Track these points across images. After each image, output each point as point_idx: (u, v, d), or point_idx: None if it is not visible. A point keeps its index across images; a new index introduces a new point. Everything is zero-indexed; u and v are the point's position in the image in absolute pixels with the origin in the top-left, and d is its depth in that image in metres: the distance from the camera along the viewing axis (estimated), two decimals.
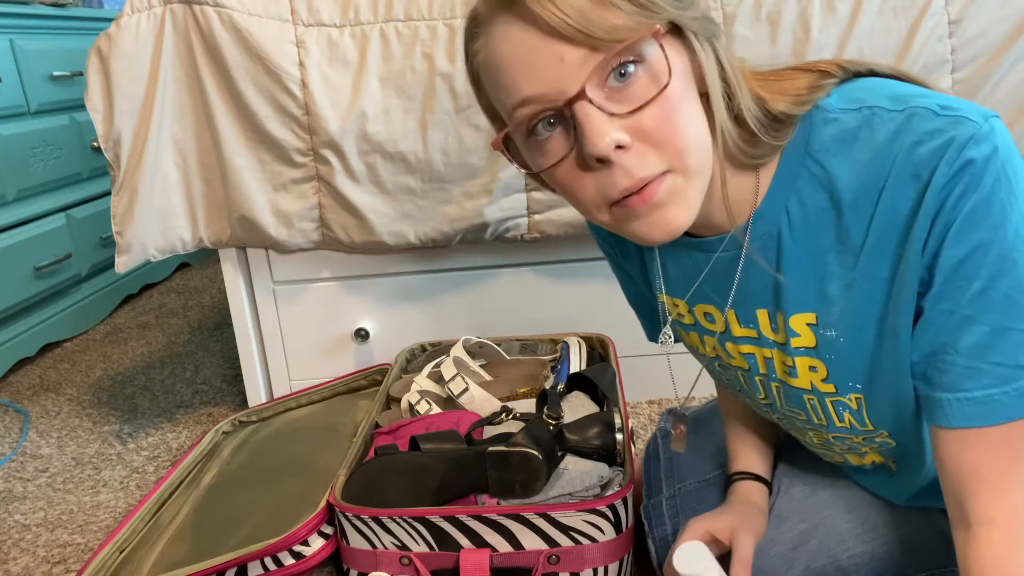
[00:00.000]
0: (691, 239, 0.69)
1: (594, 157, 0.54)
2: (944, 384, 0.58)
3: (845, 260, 0.61)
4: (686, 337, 0.80)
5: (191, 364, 1.94)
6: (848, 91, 0.61)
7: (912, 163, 0.55)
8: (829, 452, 0.77)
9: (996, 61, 1.24)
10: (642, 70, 0.54)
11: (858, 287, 0.61)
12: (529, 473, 0.95)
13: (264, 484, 1.21)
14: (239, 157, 1.34)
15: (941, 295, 0.56)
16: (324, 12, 1.31)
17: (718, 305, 0.71)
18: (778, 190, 0.63)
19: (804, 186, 0.61)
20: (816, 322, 0.65)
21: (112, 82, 1.29)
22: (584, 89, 0.53)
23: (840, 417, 0.69)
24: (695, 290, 0.72)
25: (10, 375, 1.95)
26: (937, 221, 0.55)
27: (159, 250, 1.38)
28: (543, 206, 1.35)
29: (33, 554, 1.22)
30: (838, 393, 0.67)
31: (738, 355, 0.73)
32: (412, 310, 1.51)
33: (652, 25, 0.53)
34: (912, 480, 0.74)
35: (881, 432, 0.68)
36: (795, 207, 0.62)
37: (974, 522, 0.58)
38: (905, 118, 0.57)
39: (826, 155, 0.60)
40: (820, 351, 0.66)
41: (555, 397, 1.07)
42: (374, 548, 0.97)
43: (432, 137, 1.31)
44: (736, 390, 0.80)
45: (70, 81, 2.17)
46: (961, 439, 0.58)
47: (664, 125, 0.55)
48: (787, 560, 0.79)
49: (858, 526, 0.79)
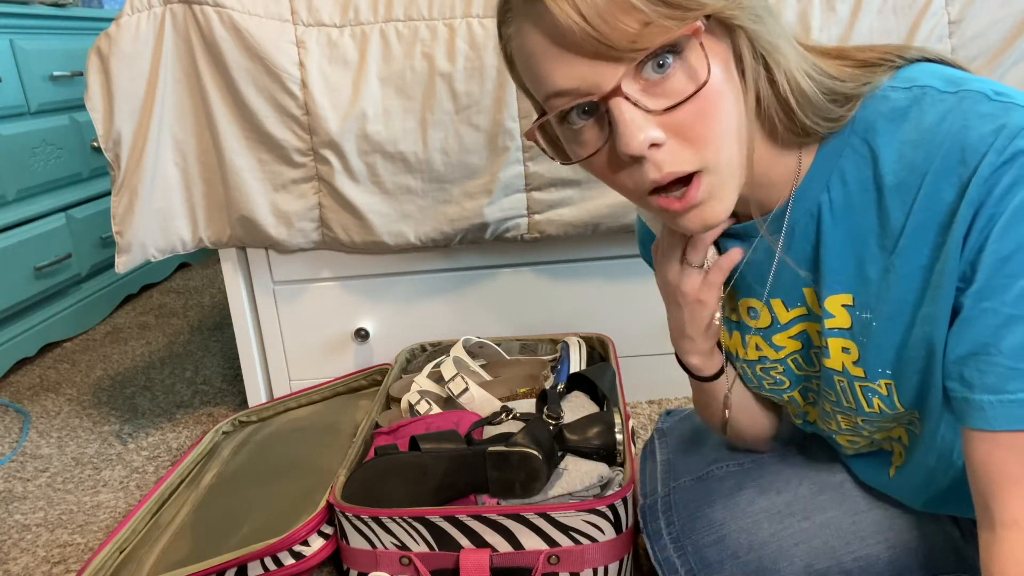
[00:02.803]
0: (731, 227, 0.68)
1: (628, 156, 0.54)
2: (985, 386, 0.55)
3: (884, 243, 0.59)
4: (728, 342, 0.78)
5: (191, 364, 1.94)
6: (902, 72, 0.60)
7: (959, 148, 0.53)
8: (856, 437, 0.75)
9: (996, 61, 1.24)
10: (681, 64, 0.53)
11: (895, 272, 0.59)
12: (529, 473, 0.95)
13: (264, 484, 1.21)
14: (239, 157, 1.34)
15: (983, 292, 0.54)
16: (324, 12, 1.31)
17: (760, 296, 0.70)
18: (820, 169, 0.61)
19: (848, 164, 0.60)
20: (853, 303, 0.63)
21: (112, 82, 1.29)
22: (620, 85, 0.52)
23: (869, 403, 0.67)
24: (737, 281, 0.71)
25: (10, 375, 1.95)
26: (981, 212, 0.53)
27: (159, 250, 1.38)
28: (543, 206, 1.35)
29: (33, 554, 1.22)
30: (867, 379, 0.65)
31: (789, 342, 0.71)
32: (412, 310, 1.51)
33: (692, 24, 0.51)
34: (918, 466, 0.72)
35: (913, 413, 0.67)
36: (837, 186, 0.61)
37: (999, 523, 0.56)
38: (956, 100, 0.55)
39: (872, 133, 0.58)
40: (854, 333, 0.64)
41: (555, 397, 1.07)
42: (374, 548, 0.97)
43: (432, 137, 1.31)
44: (773, 393, 0.77)
45: (70, 81, 2.17)
46: (995, 440, 0.55)
47: (701, 122, 0.53)
48: (788, 555, 0.79)
49: (864, 528, 0.78)
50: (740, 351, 0.77)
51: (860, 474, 0.81)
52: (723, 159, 0.55)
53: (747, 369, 0.78)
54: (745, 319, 0.74)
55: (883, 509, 0.79)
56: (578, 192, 1.34)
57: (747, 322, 0.74)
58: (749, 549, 0.81)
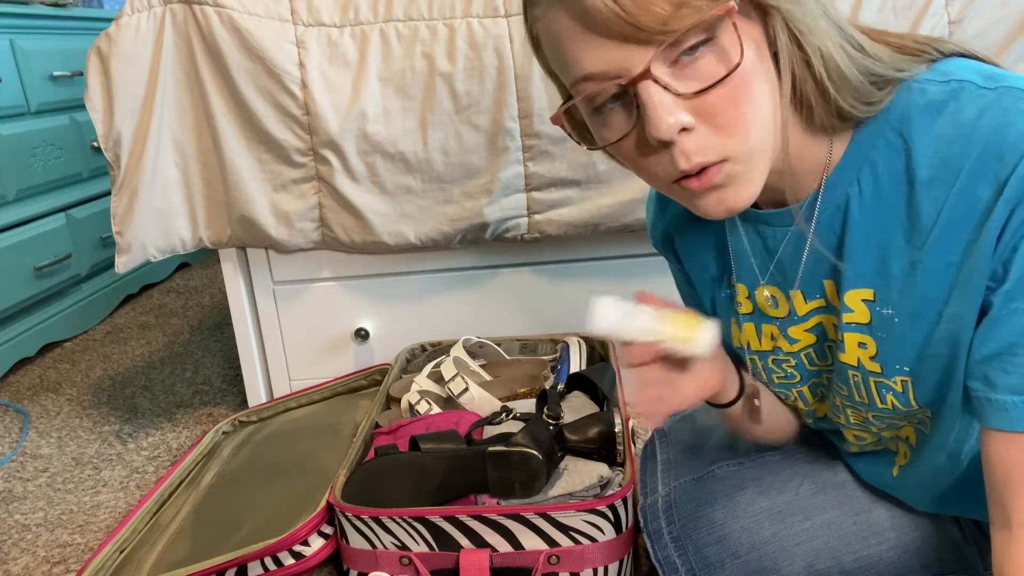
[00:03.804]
0: (758, 212, 0.66)
1: (656, 140, 0.53)
2: (1009, 386, 0.54)
3: (913, 238, 0.58)
4: (738, 335, 0.76)
5: (191, 364, 1.94)
6: (938, 65, 0.59)
7: (998, 144, 0.52)
8: (864, 433, 0.74)
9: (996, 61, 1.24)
10: (712, 46, 0.51)
11: (923, 268, 0.58)
12: (529, 473, 0.95)
13: (264, 484, 1.21)
14: (239, 157, 1.34)
15: (1014, 292, 0.53)
16: (324, 12, 1.31)
17: (780, 285, 0.69)
18: (852, 159, 0.60)
19: (880, 156, 0.59)
20: (874, 299, 0.62)
21: (112, 82, 1.29)
22: (649, 68, 0.51)
23: (883, 399, 0.66)
24: (758, 268, 0.69)
25: (10, 375, 1.95)
26: (1017, 211, 0.52)
27: (159, 250, 1.38)
28: (543, 206, 1.35)
29: (33, 554, 1.22)
30: (883, 375, 0.64)
31: (804, 335, 0.70)
32: (412, 310, 1.51)
33: (725, 3, 0.50)
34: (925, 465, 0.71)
35: (926, 411, 0.66)
36: (867, 177, 0.59)
37: (1016, 523, 0.55)
38: (995, 96, 0.54)
39: (907, 125, 0.57)
40: (873, 329, 0.63)
41: (555, 397, 1.07)
42: (374, 548, 0.97)
43: (432, 137, 1.31)
44: (782, 388, 0.76)
45: (70, 81, 2.17)
46: (1015, 441, 0.55)
47: (731, 107, 0.52)
48: (789, 555, 0.79)
49: (865, 529, 0.78)
50: (753, 342, 0.75)
51: (863, 473, 0.81)
52: (752, 145, 0.54)
53: (758, 362, 0.77)
54: (763, 306, 0.72)
55: (885, 510, 0.79)
56: (578, 192, 1.34)
57: (765, 310, 0.72)
58: (750, 549, 0.80)
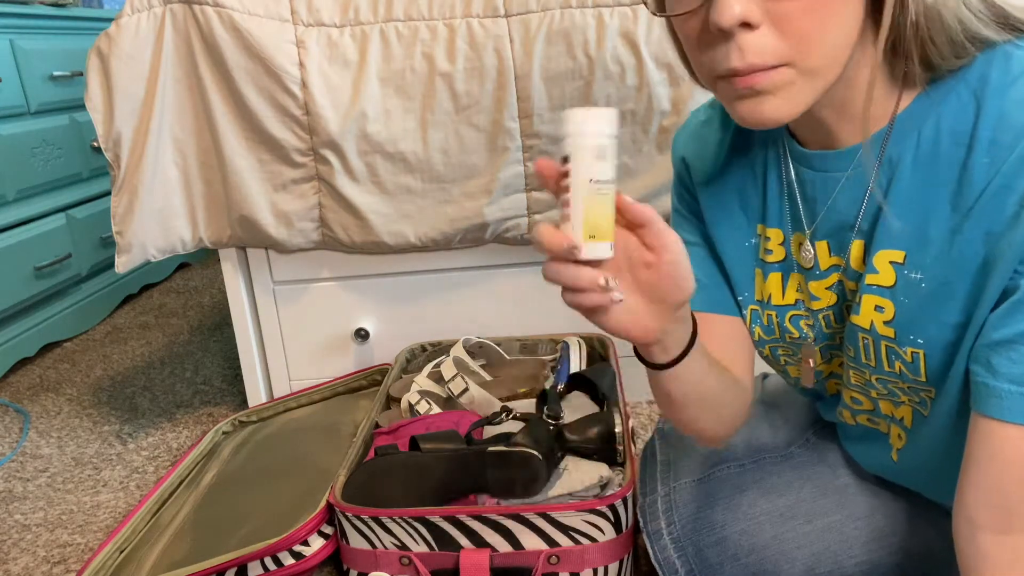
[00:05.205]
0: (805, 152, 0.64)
1: (717, 26, 0.51)
2: (1012, 375, 0.53)
3: (959, 202, 0.56)
4: (761, 286, 0.73)
5: (191, 364, 1.94)
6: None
7: None
8: (862, 396, 0.72)
9: None
10: None
11: (964, 234, 0.56)
12: (529, 473, 0.95)
13: (264, 484, 1.21)
14: (239, 157, 1.34)
15: None
16: (324, 12, 1.31)
17: (813, 234, 0.67)
18: (918, 111, 0.58)
19: (947, 113, 0.57)
20: (903, 261, 0.60)
21: (112, 82, 1.29)
22: None
23: (891, 364, 0.64)
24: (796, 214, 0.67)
25: (10, 375, 1.95)
26: None
27: (159, 250, 1.38)
28: (543, 206, 1.35)
29: (33, 554, 1.22)
30: (896, 341, 0.62)
31: (825, 293, 0.68)
32: (412, 310, 1.51)
33: None
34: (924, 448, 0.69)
35: (929, 390, 0.64)
36: (929, 133, 0.57)
37: (1019, 529, 0.54)
38: None
39: (983, 86, 0.55)
40: (896, 292, 0.61)
41: (555, 397, 1.07)
42: (374, 548, 0.97)
43: (432, 137, 1.31)
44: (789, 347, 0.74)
45: (70, 81, 2.17)
46: (1010, 435, 0.53)
47: (806, 17, 0.50)
48: (790, 558, 0.79)
49: (866, 533, 0.78)
50: (775, 294, 0.72)
51: (862, 461, 0.80)
52: (814, 65, 0.52)
53: (774, 318, 0.73)
54: (796, 255, 0.70)
55: (886, 514, 0.78)
56: None
57: (797, 259, 0.70)
58: (750, 551, 0.80)
